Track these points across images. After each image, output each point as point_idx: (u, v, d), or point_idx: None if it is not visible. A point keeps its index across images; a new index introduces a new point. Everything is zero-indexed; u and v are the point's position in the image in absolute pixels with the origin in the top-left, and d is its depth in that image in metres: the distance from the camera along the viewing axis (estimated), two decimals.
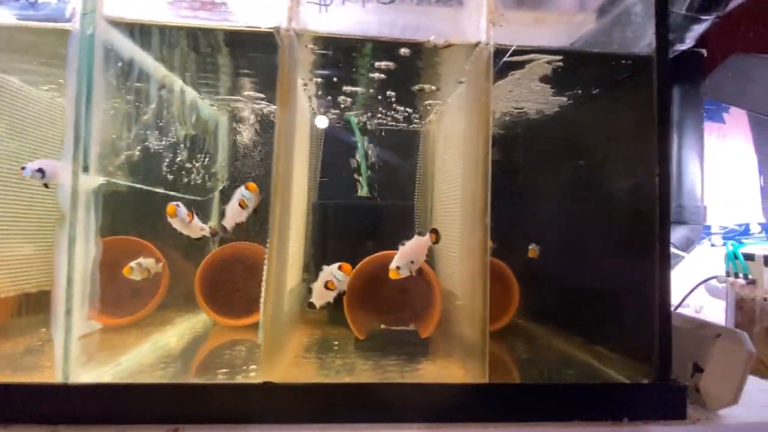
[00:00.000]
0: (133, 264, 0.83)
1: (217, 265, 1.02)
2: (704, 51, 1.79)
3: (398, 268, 0.74)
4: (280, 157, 0.66)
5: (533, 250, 1.06)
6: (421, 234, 0.77)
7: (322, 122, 1.19)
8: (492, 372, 0.67)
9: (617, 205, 0.84)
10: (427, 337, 0.89)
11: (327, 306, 0.81)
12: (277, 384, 0.63)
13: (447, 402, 0.63)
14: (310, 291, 0.79)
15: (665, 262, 0.69)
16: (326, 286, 0.76)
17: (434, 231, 0.76)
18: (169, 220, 0.73)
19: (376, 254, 0.91)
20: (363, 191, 1.16)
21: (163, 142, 0.88)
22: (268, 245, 0.65)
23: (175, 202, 0.73)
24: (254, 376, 0.67)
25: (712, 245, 2.19)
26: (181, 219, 0.73)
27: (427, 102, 1.08)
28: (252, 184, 0.74)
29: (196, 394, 0.62)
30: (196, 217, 0.77)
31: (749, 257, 1.60)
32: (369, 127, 1.21)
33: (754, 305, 1.74)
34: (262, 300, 0.65)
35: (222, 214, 0.76)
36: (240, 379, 0.66)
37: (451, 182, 0.99)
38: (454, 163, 0.96)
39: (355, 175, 1.17)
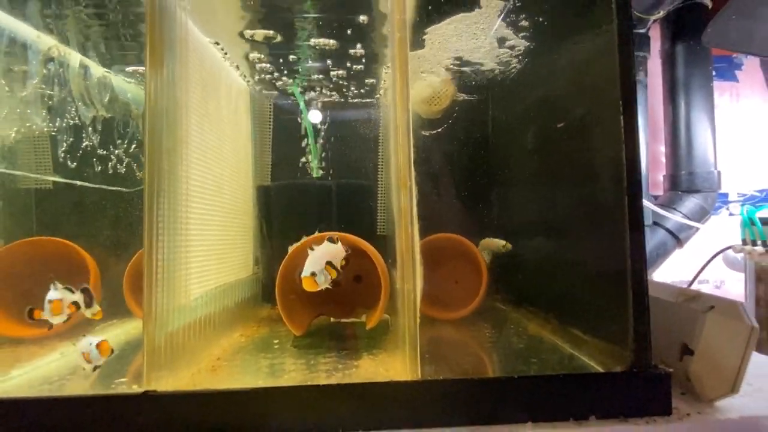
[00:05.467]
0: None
1: None
2: (708, 1, 1.61)
3: (313, 274, 0.61)
4: (154, 135, 0.55)
5: (507, 245, 0.95)
6: (332, 241, 0.66)
7: (316, 117, 1.08)
8: (442, 365, 0.56)
9: (584, 170, 0.71)
10: (372, 328, 0.77)
11: None
12: (161, 393, 0.52)
13: (362, 407, 0.52)
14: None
15: (636, 227, 0.55)
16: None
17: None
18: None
19: (313, 236, 0.80)
20: (313, 171, 1.05)
21: (58, 125, 0.78)
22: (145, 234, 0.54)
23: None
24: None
25: (731, 214, 2.01)
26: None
27: (378, 65, 0.96)
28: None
29: (66, 409, 0.52)
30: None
31: (767, 222, 1.42)
32: (321, 99, 1.10)
33: None
34: (144, 297, 0.55)
35: None
36: (124, 390, 0.56)
37: None
38: None
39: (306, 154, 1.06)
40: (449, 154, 1.11)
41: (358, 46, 0.86)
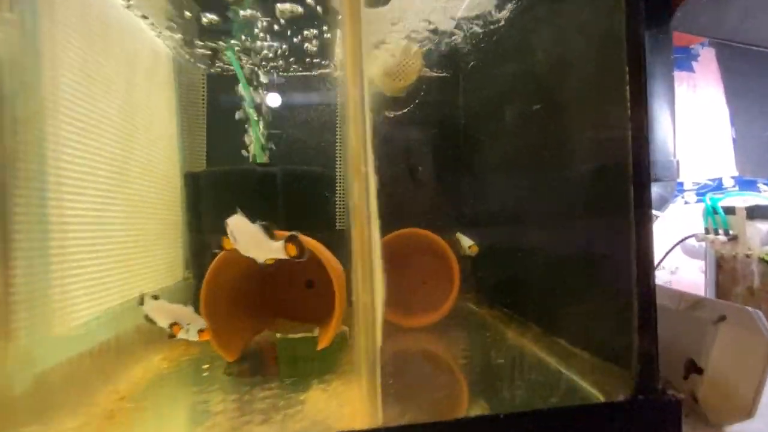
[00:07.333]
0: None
1: None
2: None
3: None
4: None
5: (473, 246, 0.84)
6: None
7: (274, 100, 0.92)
8: (409, 398, 0.44)
9: (577, 153, 0.60)
10: (326, 348, 0.64)
11: None
12: None
13: None
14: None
15: (643, 220, 0.45)
16: None
17: (293, 239, 0.52)
18: None
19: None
20: (258, 156, 0.88)
21: None
22: None
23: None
24: None
25: (686, 202, 2.06)
26: None
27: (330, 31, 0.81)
28: None
29: None
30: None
31: (730, 211, 1.42)
32: (264, 72, 0.93)
33: (735, 263, 1.57)
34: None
35: None
36: None
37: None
38: None
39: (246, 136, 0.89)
40: (415, 137, 0.99)
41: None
